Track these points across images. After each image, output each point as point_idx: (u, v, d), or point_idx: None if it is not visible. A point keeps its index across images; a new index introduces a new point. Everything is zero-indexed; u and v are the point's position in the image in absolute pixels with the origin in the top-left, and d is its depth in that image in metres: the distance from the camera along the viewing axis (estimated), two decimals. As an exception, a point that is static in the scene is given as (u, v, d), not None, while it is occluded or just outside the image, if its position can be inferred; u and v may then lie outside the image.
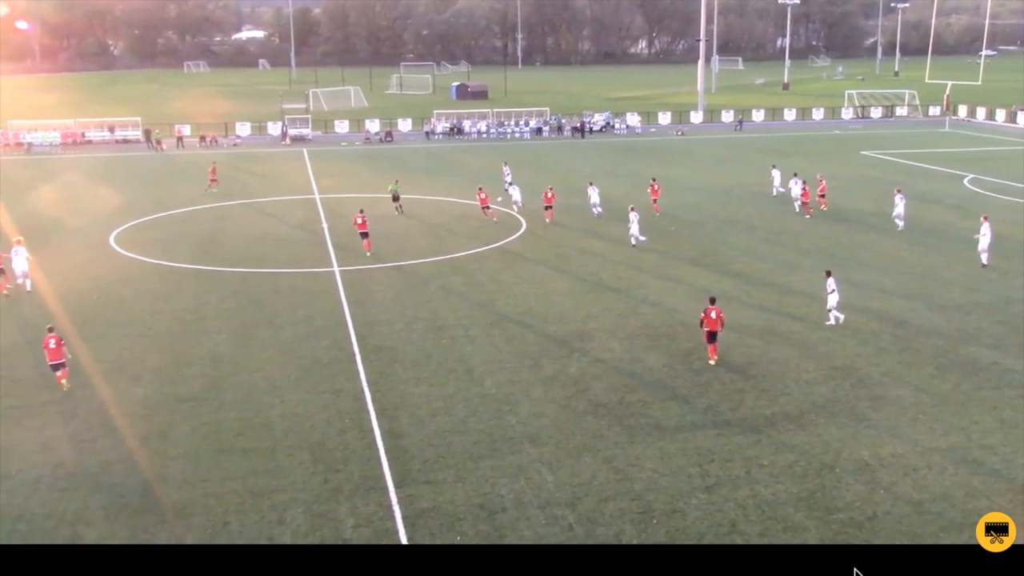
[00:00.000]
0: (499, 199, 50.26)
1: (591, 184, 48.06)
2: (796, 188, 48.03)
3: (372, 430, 22.44)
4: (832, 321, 29.54)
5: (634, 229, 40.71)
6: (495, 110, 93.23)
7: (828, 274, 29.70)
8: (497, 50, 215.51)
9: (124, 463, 20.87)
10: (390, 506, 18.95)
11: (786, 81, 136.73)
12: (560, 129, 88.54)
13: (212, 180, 56.55)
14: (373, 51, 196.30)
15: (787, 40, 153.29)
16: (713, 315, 26.27)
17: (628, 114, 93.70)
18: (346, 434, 22.28)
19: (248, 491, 19.56)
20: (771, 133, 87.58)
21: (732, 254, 39.36)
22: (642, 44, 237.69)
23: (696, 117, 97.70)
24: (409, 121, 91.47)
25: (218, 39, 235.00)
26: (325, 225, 45.96)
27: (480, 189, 47.41)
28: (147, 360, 27.25)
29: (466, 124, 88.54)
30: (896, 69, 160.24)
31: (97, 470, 20.54)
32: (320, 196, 54.42)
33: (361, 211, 40.99)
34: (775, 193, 52.43)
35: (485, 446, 21.56)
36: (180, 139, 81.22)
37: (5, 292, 34.38)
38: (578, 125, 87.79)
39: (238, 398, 24.52)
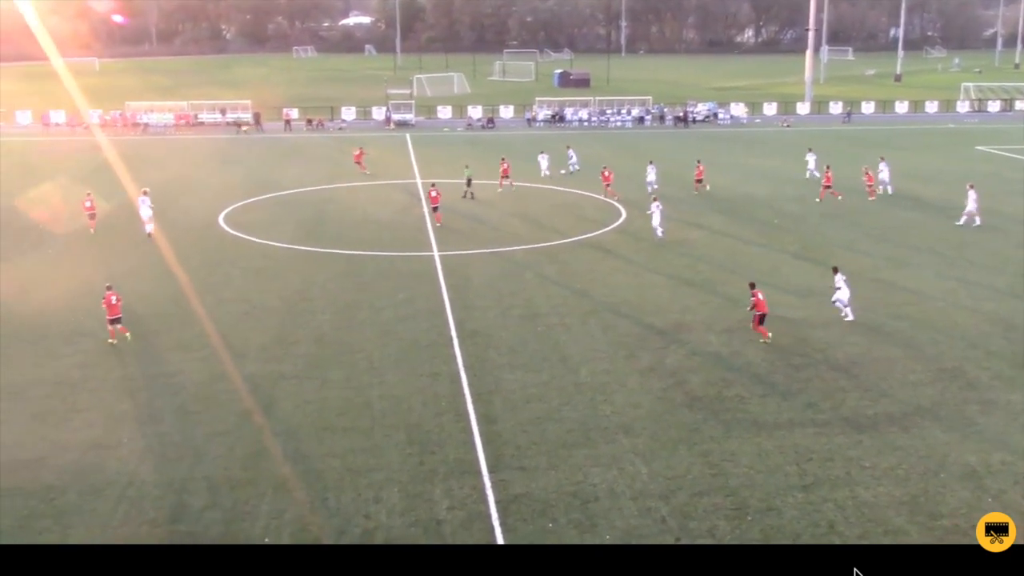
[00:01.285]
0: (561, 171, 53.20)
1: (651, 163, 51.26)
2: (885, 172, 50.51)
3: (467, 414, 22.66)
4: (850, 317, 29.04)
5: (655, 220, 39.97)
6: (597, 98, 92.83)
7: (835, 270, 29.53)
8: (600, 38, 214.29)
9: (228, 436, 21.52)
10: (483, 490, 19.13)
11: (898, 72, 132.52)
12: (662, 118, 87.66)
13: (359, 163, 57.88)
14: (477, 38, 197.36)
15: (901, 30, 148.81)
16: (761, 296, 27.31)
17: (732, 104, 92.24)
18: (442, 417, 22.56)
19: (346, 469, 19.98)
20: (881, 126, 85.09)
21: (835, 249, 38.43)
22: (749, 33, 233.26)
23: (803, 108, 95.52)
24: (511, 108, 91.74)
25: (326, 24, 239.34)
26: (426, 209, 46.46)
27: (433, 185, 45.44)
28: (253, 337, 28.02)
29: (567, 112, 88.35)
30: (1017, 61, 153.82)
31: (202, 442, 21.23)
32: (422, 180, 55.00)
33: (433, 185, 43.92)
34: (808, 176, 54.00)
35: (579, 435, 21.57)
36: (288, 122, 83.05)
37: (93, 231, 41.02)
38: (681, 114, 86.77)
39: (339, 377, 25.04)
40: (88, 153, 66.76)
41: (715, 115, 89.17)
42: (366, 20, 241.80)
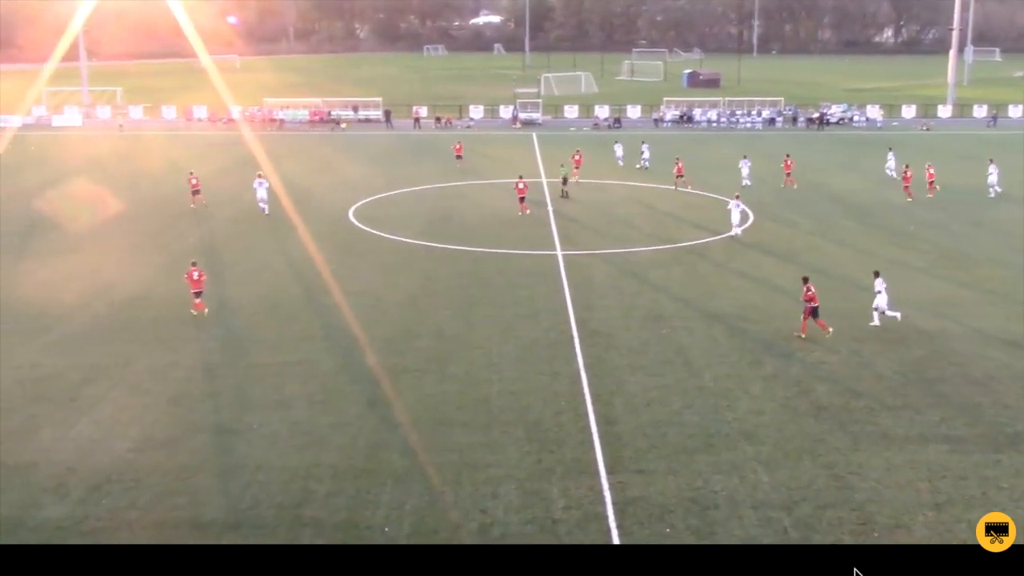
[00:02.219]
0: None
1: (744, 158, 52.63)
2: (994, 175, 49.67)
3: (587, 414, 22.59)
4: (876, 321, 28.44)
5: (734, 219, 40.19)
6: (726, 99, 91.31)
7: (876, 274, 28.94)
8: (732, 37, 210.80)
9: (352, 426, 22.01)
10: (601, 491, 19.03)
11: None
12: (795, 120, 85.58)
13: (458, 156, 59.99)
14: (606, 37, 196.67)
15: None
16: (813, 291, 27.47)
17: (869, 106, 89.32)
18: (561, 416, 22.55)
19: (464, 463, 20.17)
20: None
21: (976, 259, 36.80)
22: (888, 32, 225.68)
23: (944, 111, 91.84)
24: (638, 108, 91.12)
25: (456, 23, 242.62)
26: (550, 209, 46.56)
27: (520, 177, 46.69)
28: (377, 330, 28.58)
29: (696, 112, 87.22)
30: None
31: (327, 430, 21.77)
32: (547, 180, 55.14)
33: (520, 177, 45.74)
34: (891, 176, 54.51)
35: (700, 440, 21.25)
36: (417, 120, 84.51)
37: (194, 206, 45.99)
38: (814, 116, 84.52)
39: (459, 373, 25.32)
40: (229, 147, 69.41)
41: (850, 118, 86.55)
42: (496, 19, 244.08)
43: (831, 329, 27.57)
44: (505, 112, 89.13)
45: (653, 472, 19.77)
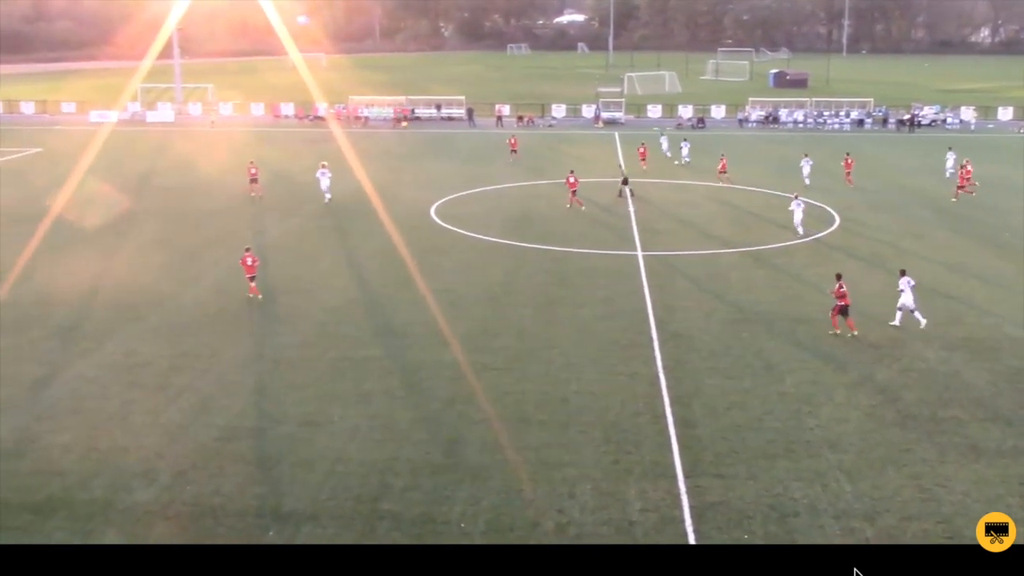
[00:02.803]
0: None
1: (806, 156, 53.15)
2: None
3: (665, 416, 22.42)
4: (896, 321, 28.31)
5: (796, 219, 40.35)
6: (814, 99, 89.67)
7: (902, 273, 28.61)
8: (820, 37, 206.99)
9: (431, 421, 22.21)
10: (678, 495, 18.88)
11: None
12: (885, 122, 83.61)
13: (513, 151, 61.93)
14: (691, 36, 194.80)
15: None
16: (844, 289, 27.56)
17: (962, 108, 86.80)
18: (639, 417, 22.42)
19: (541, 462, 20.19)
20: None
21: (1076, 267, 35.48)
22: (984, 32, 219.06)
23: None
24: (722, 108, 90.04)
25: (540, 22, 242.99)
26: (632, 208, 46.31)
27: (571, 172, 48.18)
28: (457, 327, 28.77)
29: (782, 113, 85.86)
30: None
31: (406, 425, 22.00)
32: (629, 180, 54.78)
33: (572, 172, 47.58)
34: (948, 175, 54.52)
35: (780, 446, 20.92)
36: (499, 118, 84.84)
37: (254, 195, 48.76)
38: (905, 118, 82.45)
39: (538, 371, 25.35)
40: (315, 143, 70.62)
41: (943, 120, 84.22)
42: (580, 18, 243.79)
43: (856, 332, 27.61)
44: (587, 111, 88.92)
45: (732, 477, 19.53)
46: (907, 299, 28.02)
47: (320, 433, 21.53)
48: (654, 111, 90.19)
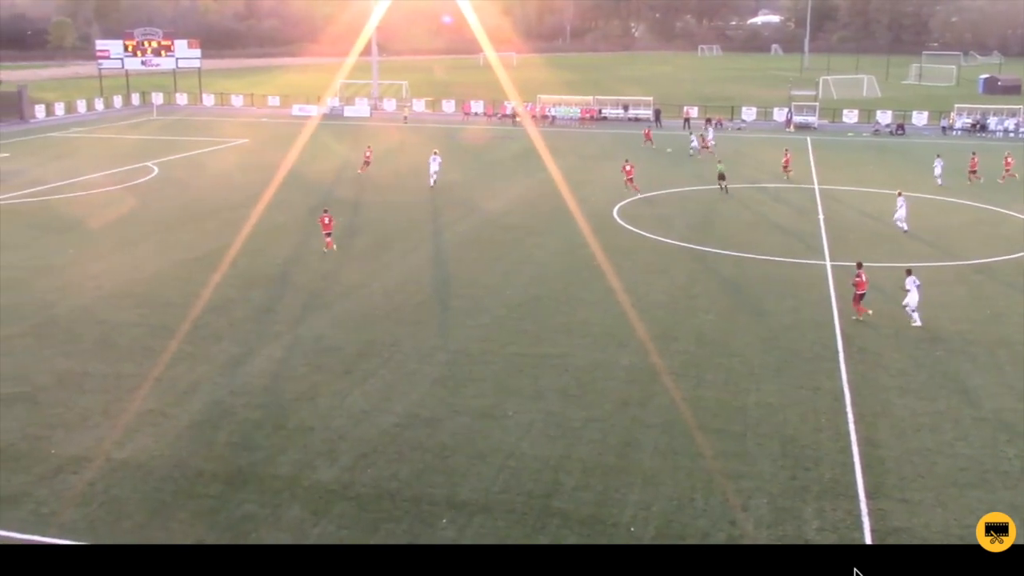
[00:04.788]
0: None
1: (938, 156, 53.55)
2: None
3: (848, 434, 21.54)
4: (917, 322, 28.58)
5: (900, 214, 41.16)
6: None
7: (908, 272, 29.05)
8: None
9: (604, 422, 22.15)
10: (858, 516, 18.11)
11: None
12: (1107, 132, 77.39)
13: (649, 138, 67.46)
14: (894, 38, 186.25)
15: None
16: (863, 277, 28.94)
17: None
18: (820, 433, 21.63)
19: (716, 471, 19.79)
20: None
21: None
22: None
23: None
24: (924, 114, 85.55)
25: (733, 23, 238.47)
26: (821, 216, 44.77)
27: (627, 160, 51.91)
28: (635, 329, 28.57)
29: (991, 121, 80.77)
30: None
31: (580, 425, 22.02)
32: (819, 187, 53.06)
33: (627, 160, 51.47)
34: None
35: (973, 474, 19.71)
36: (687, 120, 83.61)
37: (360, 172, 55.19)
38: None
39: (716, 379, 24.88)
40: (503, 141, 71.80)
41: None
42: (775, 19, 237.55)
43: (870, 312, 29.18)
44: (779, 115, 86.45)
45: (918, 503, 18.56)
46: (912, 298, 28.53)
47: (495, 426, 21.86)
48: (850, 116, 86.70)
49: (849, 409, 22.88)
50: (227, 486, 19.08)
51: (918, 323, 28.53)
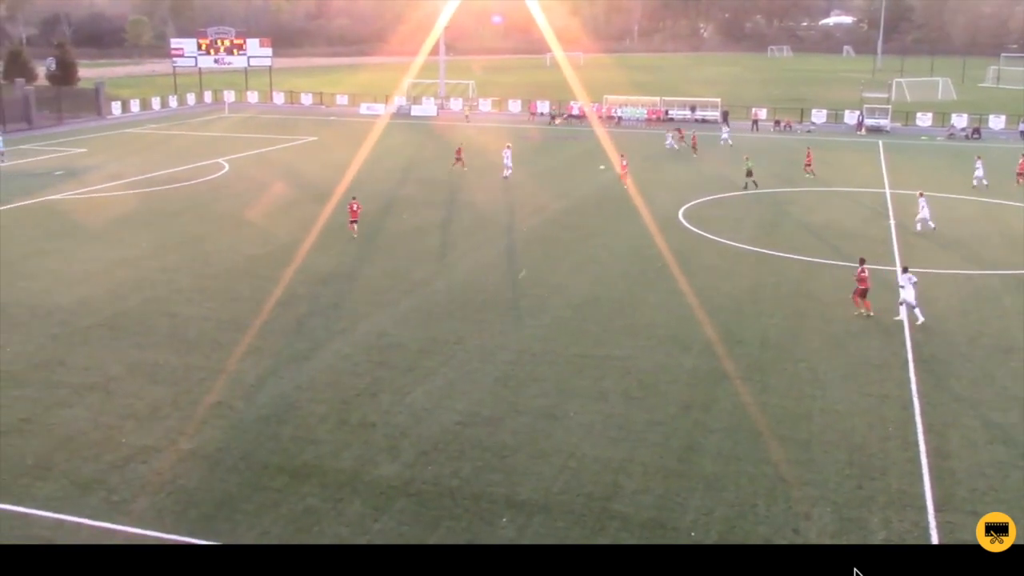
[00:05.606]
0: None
1: (978, 158, 53.03)
2: None
3: (917, 444, 21.09)
4: (919, 319, 28.61)
5: (923, 214, 41.26)
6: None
7: (904, 270, 29.53)
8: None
9: (666, 426, 22.00)
10: (926, 528, 17.73)
11: None
12: None
13: (694, 148, 65.49)
14: (970, 40, 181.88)
15: None
16: (866, 274, 29.41)
17: None
18: (888, 443, 21.22)
19: (779, 478, 19.54)
20: None
21: None
22: None
23: None
24: (1002, 118, 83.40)
25: (804, 24, 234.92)
26: (892, 222, 43.91)
27: (623, 155, 53.52)
28: (699, 332, 28.34)
29: (1072, 125, 78.42)
30: None
31: (642, 427, 21.91)
32: (891, 191, 52.03)
33: (623, 155, 53.65)
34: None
35: (1048, 489, 19.19)
36: (755, 122, 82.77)
37: (455, 167, 56.91)
38: None
39: (780, 384, 24.55)
40: (567, 141, 71.71)
41: None
42: (847, 20, 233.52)
43: (871, 313, 29.41)
44: (850, 117, 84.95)
45: (990, 516, 18.09)
46: (908, 295, 28.76)
47: (556, 427, 21.85)
48: (924, 119, 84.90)
49: (918, 418, 22.41)
50: (291, 479, 19.35)
51: (921, 319, 28.73)
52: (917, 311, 28.75)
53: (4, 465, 19.84)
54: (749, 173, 51.69)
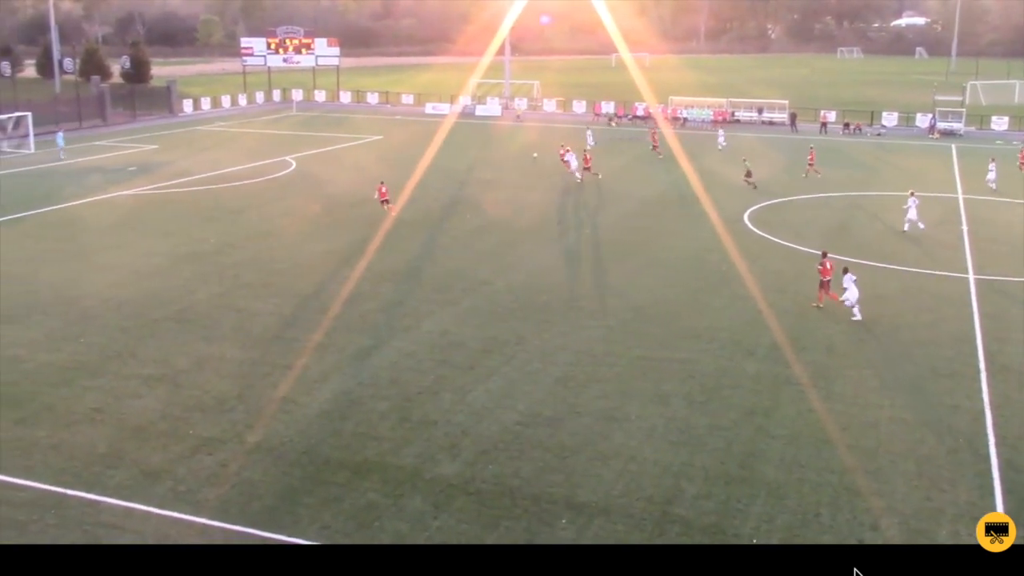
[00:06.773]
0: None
1: (992, 160, 52.88)
2: None
3: (988, 457, 20.58)
4: (857, 316, 29.28)
5: (911, 215, 41.30)
6: None
7: (845, 271, 29.80)
8: None
9: (728, 431, 21.76)
10: (997, 543, 17.27)
11: None
12: None
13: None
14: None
15: None
16: (828, 265, 30.28)
17: None
18: (957, 454, 20.74)
19: (844, 487, 19.21)
20: None
21: None
22: None
23: None
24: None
25: (875, 25, 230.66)
26: (965, 228, 42.92)
27: (563, 146, 55.59)
28: (764, 337, 27.99)
29: None
30: None
31: (704, 432, 21.70)
32: (964, 196, 50.86)
33: (563, 145, 50.37)
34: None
35: None
36: (824, 125, 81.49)
37: (578, 177, 53.45)
38: None
39: (846, 391, 24.13)
40: (628, 141, 71.40)
41: None
42: (920, 21, 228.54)
43: (822, 304, 30.24)
44: (922, 121, 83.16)
45: (1064, 533, 17.57)
46: (851, 295, 29.20)
47: (617, 429, 21.74)
48: (999, 123, 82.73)
49: (990, 430, 21.87)
50: (353, 474, 19.54)
51: (858, 316, 29.32)
52: (856, 308, 29.35)
53: (76, 453, 20.37)
54: (748, 174, 51.44)
